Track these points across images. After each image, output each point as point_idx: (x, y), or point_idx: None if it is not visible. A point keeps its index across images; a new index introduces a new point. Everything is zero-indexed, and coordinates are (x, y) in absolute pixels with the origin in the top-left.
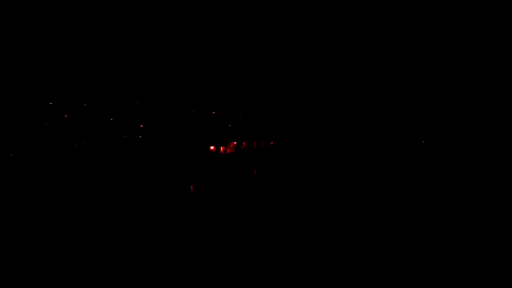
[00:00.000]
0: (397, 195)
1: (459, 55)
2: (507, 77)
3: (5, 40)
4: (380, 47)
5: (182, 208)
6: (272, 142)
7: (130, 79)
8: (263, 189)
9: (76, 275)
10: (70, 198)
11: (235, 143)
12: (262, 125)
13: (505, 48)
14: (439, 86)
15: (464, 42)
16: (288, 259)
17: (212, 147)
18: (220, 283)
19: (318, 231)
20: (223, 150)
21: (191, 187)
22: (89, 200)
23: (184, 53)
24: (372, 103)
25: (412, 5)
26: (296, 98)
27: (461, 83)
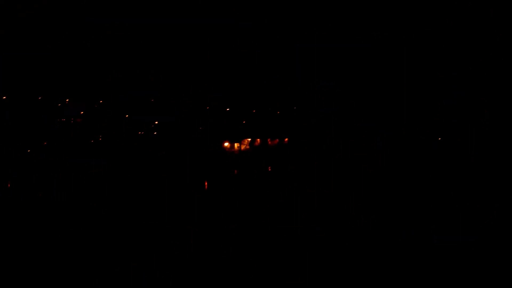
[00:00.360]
0: (397, 195)
1: (459, 55)
2: (507, 77)
3: (5, 40)
4: (380, 47)
5: (182, 208)
6: (286, 139)
7: (130, 79)
8: (263, 189)
9: (76, 275)
10: (70, 198)
11: (249, 139)
12: (262, 125)
13: (505, 48)
14: (439, 86)
15: (464, 42)
16: (288, 259)
17: (226, 144)
18: (220, 283)
19: (318, 231)
20: (237, 146)
21: (205, 183)
22: (89, 200)
23: (184, 53)
24: (372, 103)
25: (412, 5)
26: (296, 98)
27: (461, 83)
